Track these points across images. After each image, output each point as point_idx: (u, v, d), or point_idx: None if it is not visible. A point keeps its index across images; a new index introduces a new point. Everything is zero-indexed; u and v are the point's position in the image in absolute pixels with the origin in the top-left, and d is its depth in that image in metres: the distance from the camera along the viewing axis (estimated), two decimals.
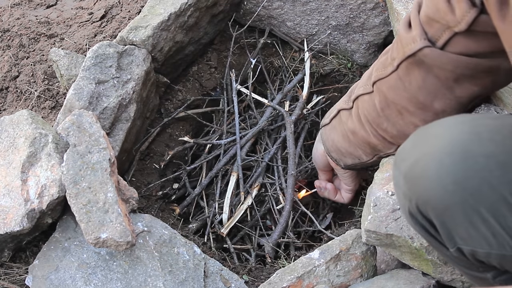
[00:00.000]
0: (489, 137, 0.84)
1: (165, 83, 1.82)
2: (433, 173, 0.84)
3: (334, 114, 1.44)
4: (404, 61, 1.13)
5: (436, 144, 0.86)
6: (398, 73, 1.16)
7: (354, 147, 1.40)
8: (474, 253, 0.88)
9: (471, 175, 0.82)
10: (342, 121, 1.40)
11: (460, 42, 1.02)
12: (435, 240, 0.94)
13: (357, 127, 1.34)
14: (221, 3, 1.86)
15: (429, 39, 1.06)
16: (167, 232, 1.38)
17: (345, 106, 1.38)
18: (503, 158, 0.81)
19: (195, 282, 1.31)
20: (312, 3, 1.89)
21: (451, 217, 0.85)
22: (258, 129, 1.84)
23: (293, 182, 1.71)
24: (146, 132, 1.77)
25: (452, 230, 0.87)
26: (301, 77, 1.95)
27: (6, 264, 1.33)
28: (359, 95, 1.31)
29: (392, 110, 1.22)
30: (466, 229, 0.85)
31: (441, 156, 0.84)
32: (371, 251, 1.33)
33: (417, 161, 0.88)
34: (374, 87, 1.24)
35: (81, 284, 1.26)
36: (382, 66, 1.21)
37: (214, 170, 1.80)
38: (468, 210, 0.83)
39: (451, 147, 0.84)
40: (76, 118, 1.37)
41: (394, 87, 1.18)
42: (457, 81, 1.09)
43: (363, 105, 1.30)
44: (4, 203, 1.28)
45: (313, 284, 1.29)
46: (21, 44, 1.86)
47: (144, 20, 1.67)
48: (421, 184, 0.87)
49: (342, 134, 1.41)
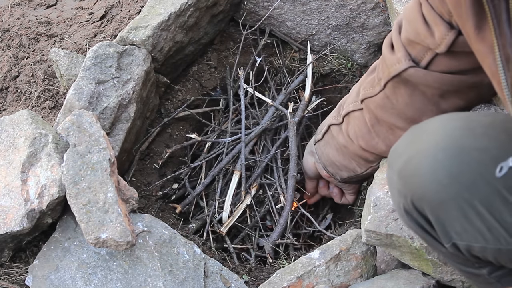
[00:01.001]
0: (482, 132, 0.85)
1: (165, 83, 1.82)
2: (427, 168, 0.85)
3: (325, 130, 1.48)
4: (390, 80, 1.16)
5: (430, 140, 0.87)
6: (385, 92, 1.19)
7: (348, 160, 1.43)
8: (469, 248, 0.88)
9: (465, 170, 0.82)
10: (333, 136, 1.44)
11: (442, 61, 1.05)
12: (430, 237, 0.94)
13: (348, 142, 1.37)
14: (221, 3, 1.86)
15: (412, 59, 1.09)
16: (167, 232, 1.38)
17: (335, 122, 1.42)
18: (496, 152, 0.82)
19: (195, 282, 1.31)
20: (312, 3, 1.89)
21: (446, 211, 0.85)
22: (261, 128, 1.84)
23: (294, 183, 1.71)
24: (146, 132, 1.77)
25: (447, 225, 0.87)
26: (303, 79, 1.95)
27: (6, 264, 1.33)
28: (349, 112, 1.34)
29: (382, 127, 1.25)
30: (461, 224, 0.85)
31: (435, 151, 0.85)
32: (371, 251, 1.33)
33: (411, 158, 0.88)
34: (363, 104, 1.27)
35: (81, 284, 1.26)
36: (370, 85, 1.24)
37: (216, 169, 1.79)
38: (463, 204, 0.83)
39: (445, 143, 0.84)
40: (76, 118, 1.37)
41: (382, 106, 1.22)
42: (442, 96, 1.12)
43: (354, 121, 1.33)
44: (4, 203, 1.28)
45: (313, 284, 1.29)
46: (21, 44, 1.86)
47: (144, 20, 1.67)
48: (416, 180, 0.87)
49: (336, 148, 1.44)
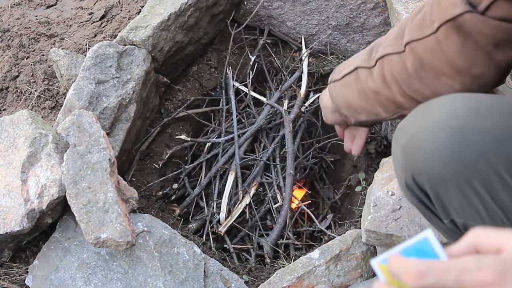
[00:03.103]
0: (486, 113, 0.86)
1: (165, 83, 1.82)
2: (429, 145, 0.87)
3: (349, 71, 1.37)
4: (443, 24, 1.10)
5: (435, 118, 0.89)
6: (437, 36, 1.13)
7: (372, 105, 1.34)
8: (466, 226, 0.89)
9: (467, 149, 0.84)
10: (360, 79, 1.34)
11: (502, 6, 1.01)
12: (430, 212, 0.96)
13: (380, 87, 1.29)
14: (221, 3, 1.86)
15: (470, 2, 1.04)
16: (167, 232, 1.37)
17: (365, 64, 1.33)
18: (499, 133, 0.84)
19: (195, 282, 1.31)
20: (312, 3, 1.89)
21: (445, 189, 0.87)
22: (256, 127, 1.84)
23: (292, 182, 1.71)
24: (146, 132, 1.77)
25: (446, 202, 0.89)
26: (299, 76, 1.95)
27: (6, 264, 1.33)
28: (385, 54, 1.26)
29: (427, 72, 1.19)
30: (459, 201, 0.87)
31: (438, 129, 0.87)
32: (371, 251, 1.33)
33: (415, 134, 0.90)
34: (407, 47, 1.20)
35: (81, 284, 1.26)
36: (418, 27, 1.18)
37: (213, 170, 1.80)
38: (462, 182, 0.85)
39: (449, 121, 0.86)
40: (76, 118, 1.37)
41: (432, 50, 1.16)
42: (497, 46, 1.08)
43: (390, 65, 1.25)
44: (4, 203, 1.28)
45: (313, 284, 1.29)
46: (21, 44, 1.86)
47: (144, 20, 1.67)
48: (418, 155, 0.89)
49: (359, 92, 1.35)
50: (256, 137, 1.91)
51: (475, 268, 0.46)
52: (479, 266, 0.46)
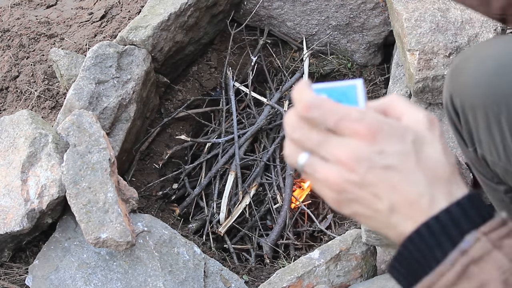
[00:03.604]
0: None
1: (165, 83, 1.82)
2: (472, 71, 0.90)
3: None
4: None
5: (488, 50, 0.92)
6: None
7: None
8: (484, 158, 0.92)
9: (504, 85, 0.86)
10: None
11: None
12: (459, 135, 0.98)
13: None
14: (221, 3, 1.86)
15: None
16: (167, 232, 1.37)
17: None
18: None
19: (195, 282, 1.31)
20: (312, 3, 1.89)
21: (474, 117, 0.90)
22: (256, 128, 1.84)
23: (291, 182, 1.71)
24: (146, 132, 1.77)
25: (472, 130, 0.92)
26: (299, 76, 1.95)
27: (6, 264, 1.33)
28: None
29: None
30: (483, 133, 0.89)
31: (486, 60, 0.89)
32: (371, 251, 1.33)
33: (468, 58, 0.93)
34: None
35: (81, 284, 1.26)
36: None
37: (213, 170, 1.80)
38: (490, 116, 0.87)
39: (498, 55, 0.89)
40: (76, 118, 1.37)
41: None
42: None
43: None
44: (4, 203, 1.28)
45: (313, 284, 1.29)
46: (21, 44, 1.86)
47: (144, 20, 1.67)
48: (461, 77, 0.92)
49: None
50: (256, 138, 1.91)
51: (355, 118, 0.47)
52: (360, 118, 0.47)
